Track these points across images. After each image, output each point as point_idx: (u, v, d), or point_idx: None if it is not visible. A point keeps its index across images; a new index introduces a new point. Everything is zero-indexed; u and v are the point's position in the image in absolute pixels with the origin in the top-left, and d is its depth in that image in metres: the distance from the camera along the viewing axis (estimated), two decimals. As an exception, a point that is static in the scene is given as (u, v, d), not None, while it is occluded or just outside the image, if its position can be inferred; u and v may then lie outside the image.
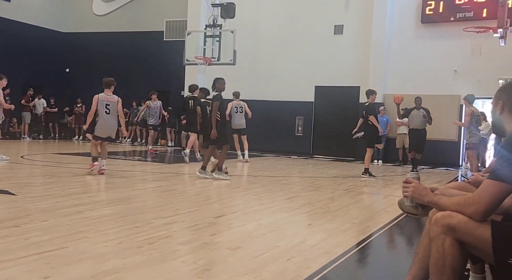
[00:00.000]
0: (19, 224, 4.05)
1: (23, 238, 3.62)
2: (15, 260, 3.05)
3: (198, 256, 3.41)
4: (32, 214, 4.50)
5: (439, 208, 2.18)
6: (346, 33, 14.87)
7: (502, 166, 1.98)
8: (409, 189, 2.30)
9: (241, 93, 15.98)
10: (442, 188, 2.46)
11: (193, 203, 5.90)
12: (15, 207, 4.84)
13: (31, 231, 3.83)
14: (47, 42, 18.30)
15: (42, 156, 10.98)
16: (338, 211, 5.61)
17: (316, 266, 3.31)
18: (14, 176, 7.30)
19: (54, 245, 3.44)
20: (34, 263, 3.03)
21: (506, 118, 2.21)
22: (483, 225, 2.01)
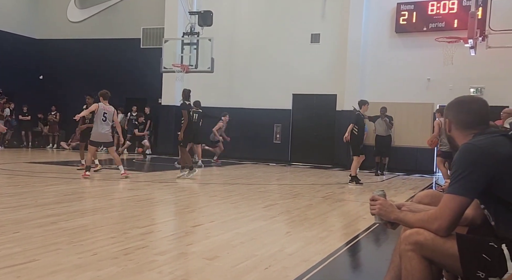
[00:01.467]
0: (-10, 236, 3.92)
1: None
2: (-15, 274, 2.96)
3: (175, 267, 3.37)
4: (3, 226, 4.37)
5: (405, 225, 2.23)
6: (323, 41, 15.07)
7: (457, 180, 2.03)
8: (375, 207, 2.33)
9: (219, 100, 16.04)
10: (408, 204, 2.50)
11: (170, 212, 5.84)
12: (-15, 219, 4.69)
13: (2, 243, 3.72)
14: (20, 48, 17.91)
15: (14, 165, 10.69)
16: (316, 219, 5.64)
17: (294, 275, 3.31)
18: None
19: (26, 258, 3.35)
20: (4, 277, 2.93)
21: (455, 135, 2.28)
22: (450, 240, 2.05)
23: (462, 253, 2.02)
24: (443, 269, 2.27)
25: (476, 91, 13.11)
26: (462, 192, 2.02)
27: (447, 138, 2.40)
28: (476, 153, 2.04)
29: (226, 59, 15.47)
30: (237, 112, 15.68)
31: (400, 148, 13.70)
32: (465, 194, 2.02)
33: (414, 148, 13.68)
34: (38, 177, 8.81)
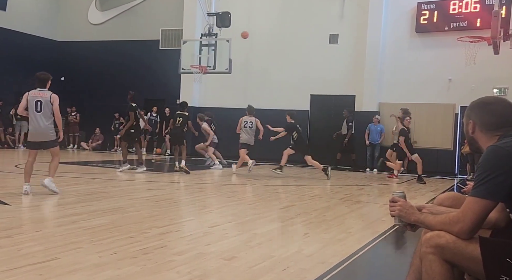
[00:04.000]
0: (12, 235, 4.00)
1: (16, 248, 3.58)
2: (7, 272, 3.02)
3: (193, 267, 3.38)
4: (25, 224, 4.46)
5: (425, 227, 2.19)
6: (341, 42, 14.96)
7: (482, 183, 1.98)
8: (395, 208, 2.30)
9: (235, 101, 16.08)
10: (429, 206, 2.45)
11: (188, 213, 5.87)
12: (9, 217, 4.79)
13: (24, 242, 3.79)
14: (42, 50, 18.28)
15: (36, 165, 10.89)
16: (334, 221, 5.60)
17: (311, 277, 3.29)
18: (7, 186, 7.24)
19: (47, 256, 3.40)
20: (26, 274, 2.99)
21: (479, 137, 2.22)
22: (472, 244, 2.00)
23: (485, 257, 1.97)
24: (465, 273, 2.22)
25: (500, 91, 12.85)
26: (486, 195, 1.97)
27: (468, 140, 2.34)
28: (503, 156, 1.98)
29: (243, 60, 15.49)
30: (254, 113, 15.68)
31: (420, 149, 13.49)
32: (489, 197, 1.97)
33: (434, 150, 13.46)
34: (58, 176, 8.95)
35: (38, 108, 6.50)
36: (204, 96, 16.70)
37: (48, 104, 6.56)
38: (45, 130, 6.56)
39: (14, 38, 17.17)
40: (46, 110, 6.53)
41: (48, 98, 6.58)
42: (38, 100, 6.53)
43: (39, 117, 6.51)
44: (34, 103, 6.51)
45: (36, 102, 6.51)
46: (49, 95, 6.62)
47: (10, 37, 17.04)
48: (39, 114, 6.50)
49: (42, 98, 6.55)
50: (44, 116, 6.53)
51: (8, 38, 16.94)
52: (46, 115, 6.55)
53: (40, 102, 6.51)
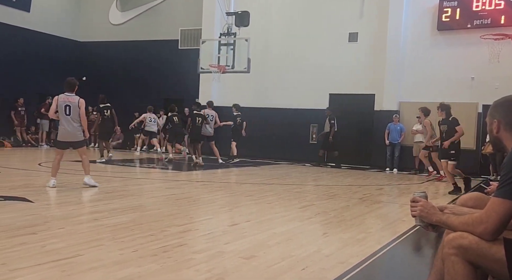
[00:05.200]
0: (36, 231, 4.09)
1: (40, 245, 3.66)
2: (32, 268, 3.09)
3: (212, 265, 3.40)
4: (49, 222, 4.55)
5: (447, 228, 2.15)
6: (361, 40, 14.83)
7: (507, 184, 1.94)
8: (416, 208, 2.26)
9: (254, 101, 16.11)
10: (451, 206, 2.41)
11: (207, 211, 5.90)
12: (32, 214, 4.90)
13: (48, 239, 3.87)
14: (64, 51, 18.62)
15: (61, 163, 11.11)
16: (353, 220, 5.56)
17: (331, 276, 3.27)
18: (31, 184, 7.40)
19: (70, 253, 3.47)
20: (50, 271, 3.05)
21: (504, 136, 2.17)
22: (496, 245, 1.96)
23: (510, 258, 1.93)
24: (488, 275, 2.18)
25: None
26: (511, 196, 1.93)
27: (492, 140, 2.29)
28: None
29: (261, 59, 15.48)
30: (272, 112, 15.68)
31: (441, 149, 13.29)
32: None
33: (456, 149, 13.21)
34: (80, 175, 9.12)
35: (68, 112, 7.09)
36: (223, 96, 16.75)
37: (76, 108, 7.16)
38: (74, 131, 7.16)
39: (37, 38, 17.54)
40: (75, 114, 7.13)
41: (76, 103, 7.19)
42: (67, 105, 7.11)
43: (69, 120, 7.10)
44: (64, 108, 7.09)
45: (65, 107, 7.09)
46: (77, 100, 7.23)
47: (34, 38, 17.41)
48: (69, 117, 7.09)
49: (70, 103, 7.14)
50: (73, 119, 7.12)
51: (32, 38, 17.32)
52: (75, 118, 7.14)
53: (69, 107, 7.11)
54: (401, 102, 14.14)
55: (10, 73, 16.37)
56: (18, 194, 6.17)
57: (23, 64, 16.85)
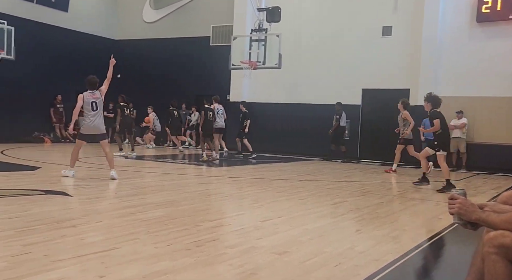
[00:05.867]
0: (76, 225, 4.24)
1: (80, 238, 3.78)
2: (72, 259, 3.20)
3: (244, 260, 3.43)
4: (87, 215, 4.70)
5: (488, 226, 2.08)
6: (395, 34, 14.51)
7: None
8: (455, 206, 2.20)
9: (285, 96, 16.07)
10: (491, 204, 2.33)
11: (239, 207, 5.95)
12: (72, 208, 5.07)
13: (87, 232, 4.00)
14: (100, 49, 19.07)
15: (95, 158, 11.45)
16: (387, 217, 5.47)
17: (365, 273, 3.24)
18: (70, 179, 7.65)
19: (107, 246, 3.57)
20: (90, 262, 3.15)
21: None
22: None
23: None
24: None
25: None
26: None
27: None
28: None
29: (292, 55, 15.40)
30: (303, 108, 15.59)
31: (480, 145, 12.88)
32: None
33: (496, 145, 12.77)
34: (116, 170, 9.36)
35: (94, 108, 7.73)
36: (254, 92, 16.79)
37: (100, 103, 7.80)
38: (99, 125, 7.80)
39: (75, 37, 18.07)
40: (101, 109, 7.80)
41: (101, 99, 7.83)
42: (93, 101, 7.75)
43: (95, 115, 7.72)
44: (90, 104, 7.72)
45: (92, 103, 7.73)
46: (99, 95, 7.84)
47: (71, 37, 17.95)
48: (95, 112, 7.73)
49: (95, 99, 7.78)
50: (99, 114, 7.78)
51: (70, 38, 17.85)
52: (100, 113, 7.79)
53: (95, 103, 7.74)
54: (437, 97, 13.77)
55: (49, 71, 16.95)
56: (58, 189, 6.40)
57: (61, 62, 17.41)
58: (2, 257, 3.15)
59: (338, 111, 13.94)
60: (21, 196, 5.76)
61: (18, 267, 2.96)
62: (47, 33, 17.06)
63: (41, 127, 16.72)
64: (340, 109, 13.97)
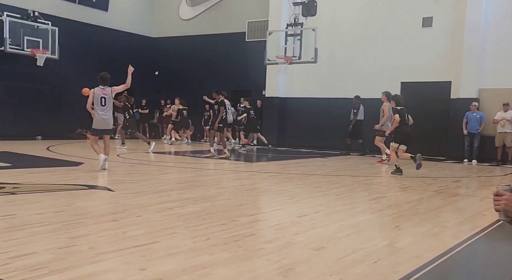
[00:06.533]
0: (118, 219, 4.37)
1: (121, 231, 3.90)
2: (115, 252, 3.31)
3: (282, 255, 3.43)
4: (128, 210, 4.84)
5: None
6: (436, 25, 14.06)
7: None
8: (500, 202, 2.11)
9: (321, 91, 15.90)
10: None
11: (276, 202, 5.95)
12: (114, 203, 5.24)
13: (128, 226, 4.12)
14: (138, 47, 19.56)
15: (135, 154, 11.76)
16: (428, 214, 5.33)
17: (405, 270, 3.17)
18: (111, 174, 7.90)
19: (148, 239, 3.67)
20: (131, 256, 3.25)
21: None
22: None
23: None
24: None
25: None
26: None
27: None
28: None
29: (328, 49, 15.22)
30: (340, 102, 15.39)
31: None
32: None
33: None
34: (155, 166, 9.58)
35: (103, 103, 7.96)
36: (290, 87, 16.72)
37: (110, 99, 8.02)
38: (109, 120, 8.07)
39: (114, 36, 18.60)
40: (110, 105, 8.00)
41: (110, 94, 8.04)
42: (102, 97, 7.97)
43: (104, 110, 7.96)
44: (100, 99, 7.95)
45: (101, 98, 7.95)
46: (109, 91, 8.07)
47: (111, 35, 18.48)
48: (104, 107, 7.96)
49: (105, 95, 8.00)
50: (108, 109, 7.99)
51: (109, 36, 18.38)
52: (109, 108, 8.00)
53: (105, 98, 7.97)
54: (481, 89, 13.26)
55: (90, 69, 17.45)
56: (100, 184, 6.63)
57: (101, 60, 17.93)
58: (51, 249, 3.29)
59: (356, 105, 13.80)
60: (67, 191, 6.00)
61: (65, 259, 3.09)
62: (88, 32, 17.63)
63: (84, 124, 17.31)
64: (359, 103, 13.82)
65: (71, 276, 2.78)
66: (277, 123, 16.77)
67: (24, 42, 15.23)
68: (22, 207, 4.80)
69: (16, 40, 15.04)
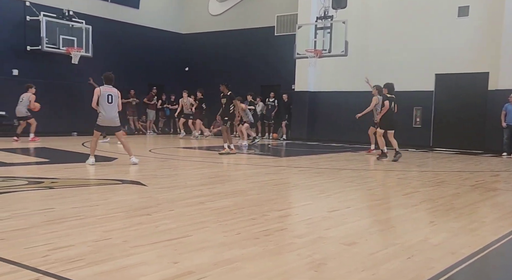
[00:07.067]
0: (150, 213, 4.45)
1: (154, 225, 3.97)
2: (149, 245, 3.37)
3: (313, 250, 3.41)
4: (160, 204, 4.92)
5: None
6: (473, 14, 13.59)
7: None
8: None
9: (352, 84, 15.65)
10: None
11: (306, 197, 5.92)
12: (147, 197, 5.34)
13: (161, 220, 4.19)
14: (168, 43, 19.82)
15: (166, 149, 11.95)
16: (464, 209, 5.18)
17: (440, 267, 3.09)
18: (144, 169, 8.05)
19: (180, 233, 3.72)
20: (164, 249, 3.31)
21: None
22: None
23: None
24: None
25: None
26: None
27: None
28: None
29: (359, 41, 14.96)
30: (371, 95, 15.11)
31: None
32: None
33: None
34: (185, 161, 9.71)
35: (110, 100, 8.05)
36: (320, 80, 16.56)
37: (116, 97, 8.13)
38: (114, 118, 8.16)
39: (145, 33, 18.90)
40: (116, 102, 8.10)
41: (116, 93, 8.16)
42: (109, 94, 8.08)
43: (110, 108, 8.06)
44: (106, 97, 8.04)
45: (107, 96, 8.06)
46: (116, 91, 8.20)
47: (143, 32, 18.78)
48: (110, 105, 8.06)
49: (112, 93, 8.12)
50: (113, 107, 8.11)
51: (141, 33, 18.69)
52: (115, 106, 8.12)
53: (111, 96, 8.08)
54: (520, 79, 12.75)
55: (122, 66, 17.84)
56: (133, 178, 6.77)
57: (133, 57, 18.30)
58: (87, 242, 3.39)
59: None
60: (101, 186, 6.16)
61: (101, 252, 3.17)
62: (120, 30, 17.98)
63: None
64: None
65: (106, 268, 2.85)
66: (307, 117, 16.66)
67: (59, 41, 15.68)
68: (59, 201, 4.96)
69: (52, 39, 15.50)
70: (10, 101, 14.89)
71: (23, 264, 2.87)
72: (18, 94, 13.26)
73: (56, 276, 2.69)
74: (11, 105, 15.16)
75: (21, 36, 15.30)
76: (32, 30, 15.25)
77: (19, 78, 15.26)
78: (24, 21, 15.28)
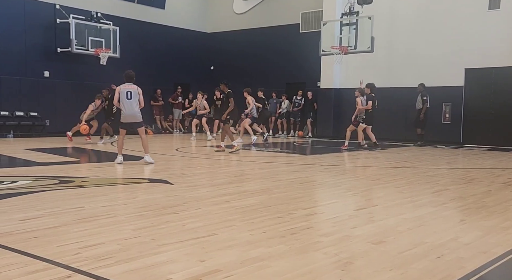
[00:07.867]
0: (178, 211, 4.52)
1: (181, 224, 4.03)
2: (176, 244, 3.42)
3: (339, 249, 3.39)
4: (187, 202, 4.98)
5: None
6: (504, 6, 13.18)
7: None
8: None
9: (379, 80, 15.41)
10: None
11: (332, 195, 5.88)
12: (174, 196, 5.41)
13: (188, 218, 4.24)
14: (194, 43, 19.98)
15: (191, 148, 12.07)
16: (496, 207, 5.04)
17: (471, 266, 3.03)
18: (171, 167, 8.16)
19: (207, 232, 3.76)
20: (191, 247, 3.35)
21: None
22: None
23: None
24: None
25: None
26: None
27: None
28: None
29: (386, 37, 14.73)
30: (399, 92, 14.88)
31: None
32: None
33: None
34: (211, 159, 9.78)
35: (129, 96, 8.20)
36: (345, 77, 16.39)
37: (136, 94, 8.25)
38: (135, 113, 8.25)
39: (171, 33, 19.12)
40: (135, 99, 8.22)
41: (136, 90, 8.30)
42: (128, 91, 8.24)
43: (130, 104, 8.18)
44: (126, 93, 8.22)
45: (127, 92, 8.23)
46: (136, 88, 8.33)
47: (168, 32, 19.01)
48: (130, 101, 8.19)
49: (131, 90, 8.28)
50: (134, 103, 8.22)
51: (167, 33, 18.92)
52: (135, 102, 8.22)
53: (131, 92, 8.22)
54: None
55: (149, 66, 18.13)
56: (161, 177, 6.87)
57: (159, 57, 18.54)
58: (117, 240, 3.47)
59: (424, 92, 13.14)
60: (130, 184, 6.28)
61: (130, 250, 3.24)
62: (146, 30, 18.25)
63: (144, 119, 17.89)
64: (425, 90, 13.18)
65: (136, 266, 2.91)
66: (333, 114, 16.53)
67: (88, 42, 16.04)
68: (89, 199, 5.09)
69: (81, 40, 15.87)
70: (42, 102, 15.35)
71: (55, 261, 2.96)
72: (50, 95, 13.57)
73: (87, 273, 2.77)
74: (43, 106, 15.59)
75: (51, 38, 15.72)
76: (62, 32, 15.65)
77: (50, 79, 15.70)
78: (54, 23, 15.69)
